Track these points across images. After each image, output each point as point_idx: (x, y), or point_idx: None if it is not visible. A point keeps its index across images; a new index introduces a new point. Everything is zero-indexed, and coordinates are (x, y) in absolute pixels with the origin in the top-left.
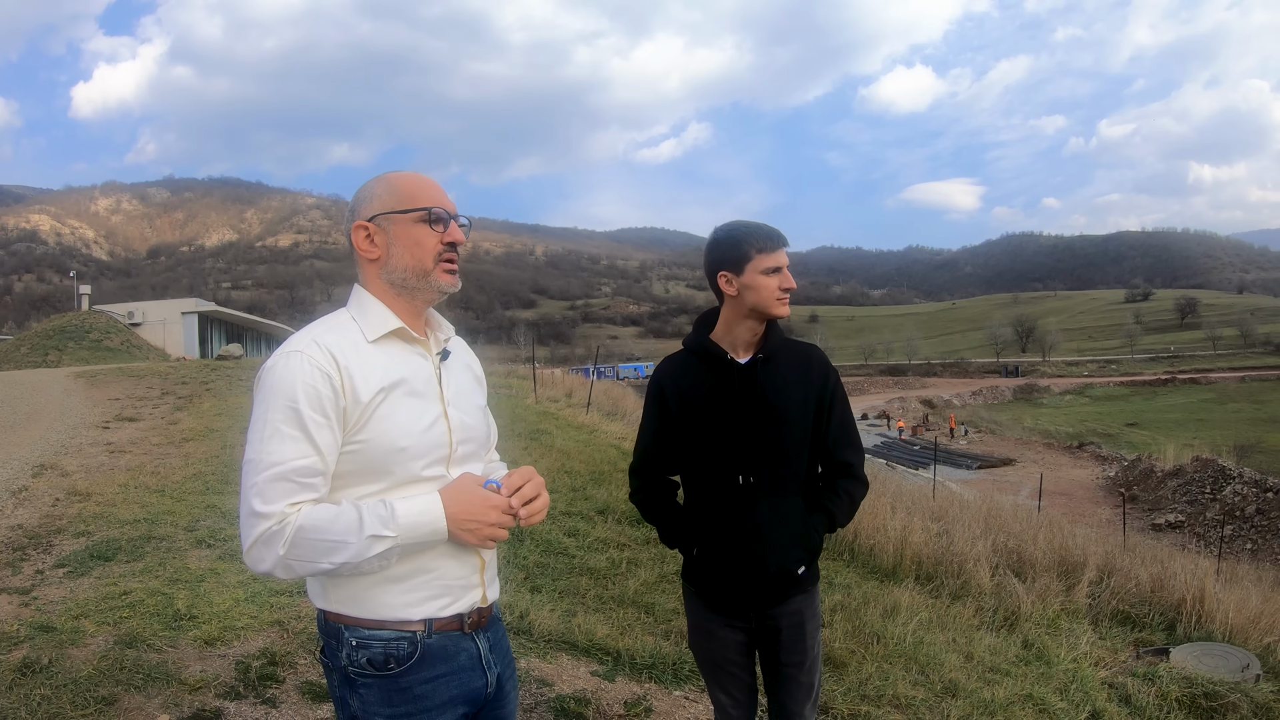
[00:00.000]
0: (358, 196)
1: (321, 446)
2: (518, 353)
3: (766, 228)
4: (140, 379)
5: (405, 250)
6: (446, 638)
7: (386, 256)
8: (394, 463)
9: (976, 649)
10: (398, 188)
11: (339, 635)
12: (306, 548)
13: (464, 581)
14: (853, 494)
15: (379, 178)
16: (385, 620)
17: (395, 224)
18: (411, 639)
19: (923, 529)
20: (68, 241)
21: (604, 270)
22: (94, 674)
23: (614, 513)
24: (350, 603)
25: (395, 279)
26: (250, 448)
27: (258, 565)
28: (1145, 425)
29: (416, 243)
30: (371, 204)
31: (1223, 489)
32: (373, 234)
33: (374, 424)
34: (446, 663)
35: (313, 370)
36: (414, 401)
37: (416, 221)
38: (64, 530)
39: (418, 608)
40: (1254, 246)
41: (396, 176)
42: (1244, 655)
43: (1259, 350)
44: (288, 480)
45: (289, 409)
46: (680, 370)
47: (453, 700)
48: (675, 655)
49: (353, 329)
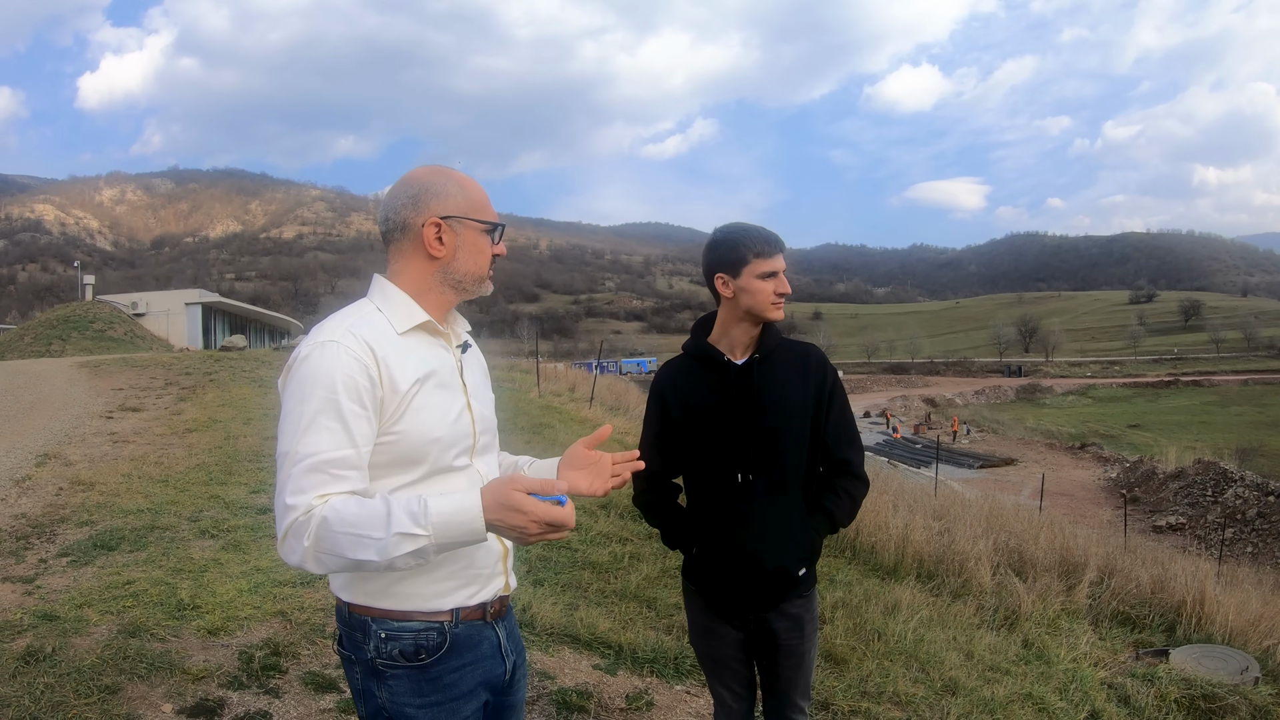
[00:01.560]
0: (425, 188)
1: (358, 438)
2: (521, 346)
3: (764, 232)
4: (144, 369)
5: (470, 257)
6: (471, 627)
7: (451, 258)
8: (428, 453)
9: (977, 648)
10: (470, 194)
11: (365, 628)
12: (331, 541)
13: (490, 570)
14: (853, 493)
15: (445, 173)
16: (414, 611)
17: (467, 229)
18: (440, 629)
19: (924, 527)
20: (72, 232)
21: (608, 265)
22: (97, 663)
23: (616, 507)
24: (378, 595)
25: (452, 279)
26: (285, 440)
27: (290, 557)
28: (1147, 427)
29: (480, 251)
30: (446, 203)
31: (1224, 492)
32: (443, 233)
33: (410, 415)
34: (471, 651)
35: (351, 360)
36: (444, 393)
37: (484, 232)
38: (67, 519)
39: (448, 598)
40: (1259, 250)
41: (466, 179)
42: (1243, 658)
43: (1262, 354)
44: (321, 471)
45: (327, 400)
46: (680, 374)
47: (477, 688)
48: (677, 650)
49: (381, 320)
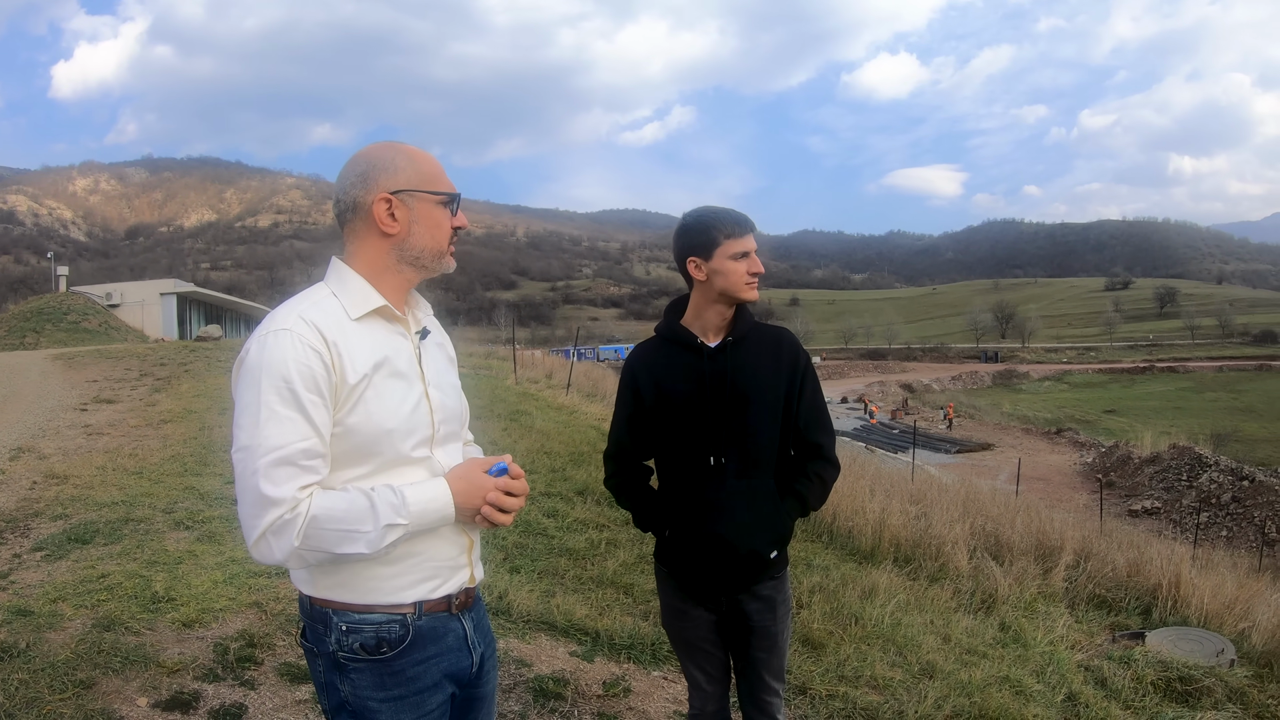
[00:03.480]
0: (373, 164)
1: (319, 427)
2: (498, 334)
3: (734, 213)
4: (118, 361)
5: (426, 231)
6: (435, 619)
7: (406, 234)
8: (382, 445)
9: (954, 631)
10: (421, 166)
11: (326, 620)
12: (320, 538)
13: (453, 562)
14: (824, 477)
15: (394, 147)
16: (375, 604)
17: (420, 202)
18: (403, 621)
19: (901, 512)
20: (45, 222)
21: (585, 252)
22: (72, 657)
23: (593, 494)
24: (339, 588)
25: (409, 256)
26: (243, 433)
27: (266, 557)
28: (1123, 412)
29: (437, 224)
30: (395, 177)
31: (1199, 476)
32: (395, 208)
33: (362, 405)
34: (436, 644)
35: (304, 348)
36: (398, 382)
37: (439, 204)
38: (41, 513)
39: (409, 590)
40: (1233, 238)
41: (416, 152)
42: (1219, 640)
43: (1237, 340)
44: (291, 464)
45: (284, 389)
46: (653, 356)
47: (442, 681)
48: (654, 636)
49: (334, 306)
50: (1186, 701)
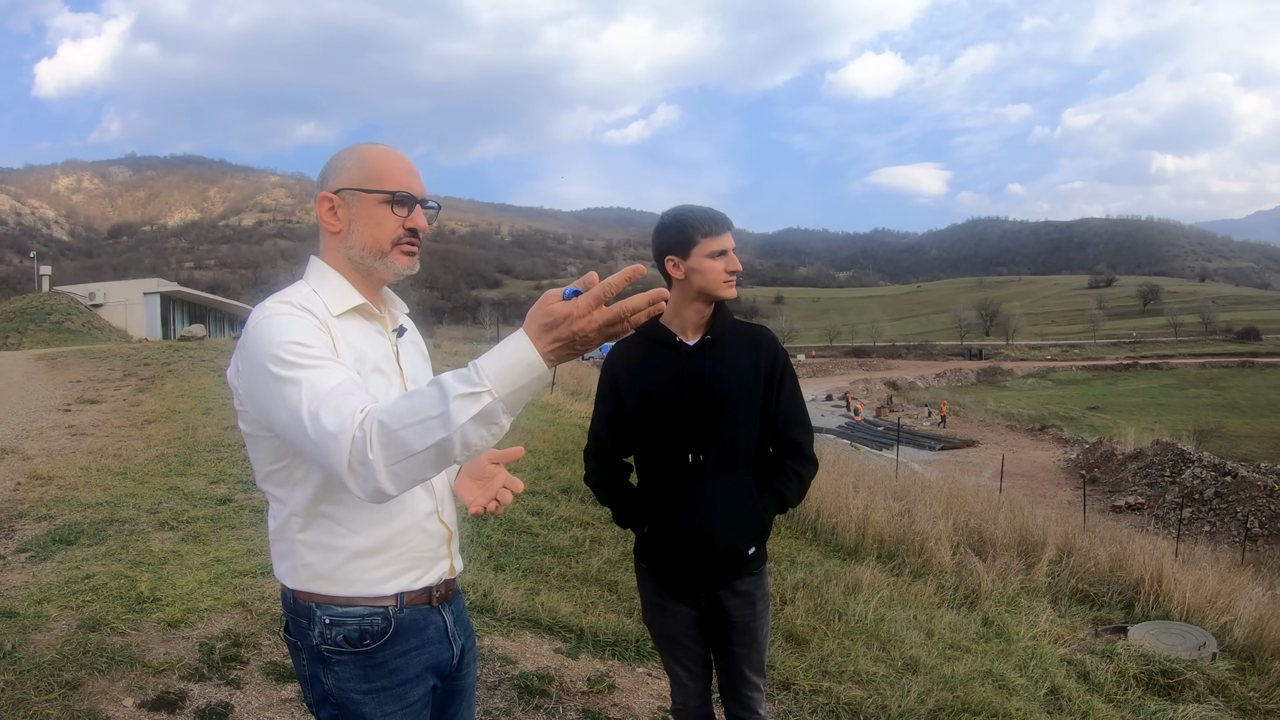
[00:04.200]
0: (329, 165)
1: (350, 367)
2: (483, 332)
3: (712, 212)
4: (102, 361)
5: (365, 229)
6: (416, 611)
7: (347, 231)
8: None
9: (937, 626)
10: (368, 164)
11: (309, 614)
12: (397, 442)
13: (433, 554)
14: (802, 474)
15: (352, 148)
16: (358, 597)
17: (360, 201)
18: (385, 614)
19: (885, 508)
20: (28, 221)
21: (570, 250)
22: (57, 658)
23: (577, 492)
24: (321, 581)
25: (353, 255)
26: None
27: (365, 486)
28: (1107, 409)
29: (377, 223)
30: (340, 176)
31: (1182, 472)
32: (336, 207)
33: None
34: (417, 636)
35: (307, 318)
36: (379, 377)
37: (380, 203)
38: (25, 514)
39: (391, 582)
40: (1216, 236)
41: (369, 150)
42: (1201, 634)
43: (1220, 337)
44: (338, 395)
45: (298, 349)
46: (631, 354)
47: (424, 673)
48: (638, 633)
49: (316, 302)
50: (1169, 694)
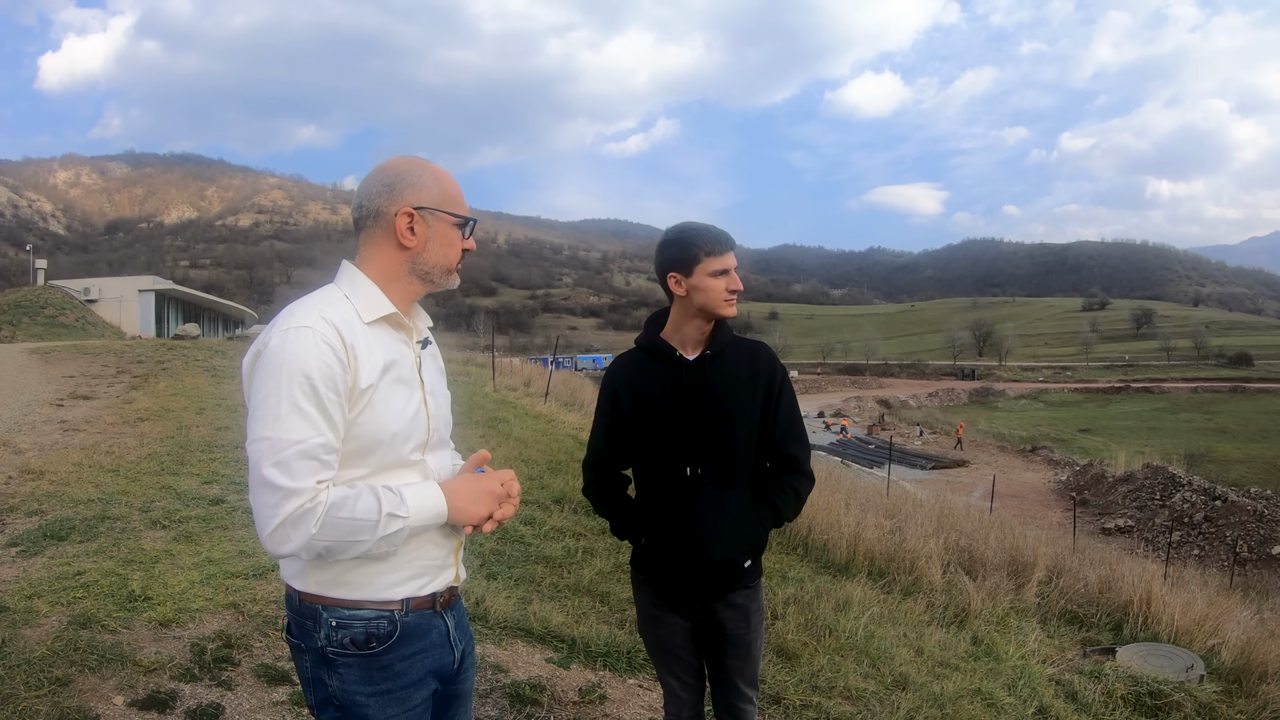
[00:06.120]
0: (400, 177)
1: (336, 423)
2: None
3: (715, 230)
4: (95, 357)
5: (439, 249)
6: (421, 616)
7: (421, 249)
8: (384, 447)
9: (927, 644)
10: (445, 187)
11: (316, 616)
12: (335, 527)
13: (441, 562)
14: (798, 489)
15: (422, 164)
16: (366, 600)
17: (439, 221)
18: (391, 618)
19: (876, 526)
20: (25, 214)
21: (566, 260)
22: (48, 655)
23: (570, 502)
24: (331, 584)
25: (421, 270)
26: (261, 426)
27: (280, 547)
28: (1098, 431)
29: (450, 244)
30: (421, 193)
31: (1172, 496)
32: (415, 223)
33: (370, 408)
34: (421, 640)
35: (324, 346)
36: (402, 388)
37: (454, 225)
38: (16, 509)
39: (399, 587)
40: (1210, 261)
41: (441, 173)
42: (1189, 656)
43: (1212, 362)
44: (313, 458)
45: (305, 385)
46: (632, 367)
47: (426, 676)
48: (630, 643)
49: (348, 308)
50: (1156, 716)
